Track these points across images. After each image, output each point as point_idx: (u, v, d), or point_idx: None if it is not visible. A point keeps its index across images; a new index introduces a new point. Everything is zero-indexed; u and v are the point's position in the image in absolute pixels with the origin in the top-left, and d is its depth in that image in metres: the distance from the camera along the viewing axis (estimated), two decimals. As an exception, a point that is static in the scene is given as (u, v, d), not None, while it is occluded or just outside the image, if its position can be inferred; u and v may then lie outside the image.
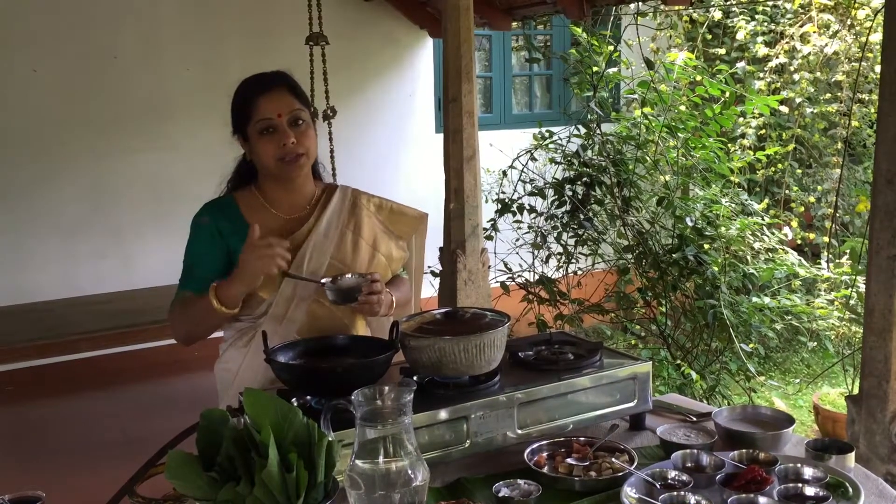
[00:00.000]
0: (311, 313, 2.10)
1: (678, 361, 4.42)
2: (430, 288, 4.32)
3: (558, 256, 4.90)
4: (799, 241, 5.49)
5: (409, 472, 1.34)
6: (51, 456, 4.05)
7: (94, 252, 5.07)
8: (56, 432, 4.37)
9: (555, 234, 4.84)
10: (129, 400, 4.79)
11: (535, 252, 4.84)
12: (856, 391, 2.26)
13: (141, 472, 1.63)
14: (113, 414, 4.57)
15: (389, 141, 5.93)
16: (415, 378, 1.74)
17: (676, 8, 5.36)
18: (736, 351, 4.27)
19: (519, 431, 1.74)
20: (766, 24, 5.63)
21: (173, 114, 5.21)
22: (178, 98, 5.20)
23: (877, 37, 4.81)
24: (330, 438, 1.36)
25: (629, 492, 1.51)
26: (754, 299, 4.39)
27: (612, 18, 5.40)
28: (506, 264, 4.78)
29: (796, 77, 5.43)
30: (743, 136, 5.36)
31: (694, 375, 4.14)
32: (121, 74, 5.04)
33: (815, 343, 4.75)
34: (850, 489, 1.51)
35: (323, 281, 2.03)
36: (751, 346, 4.35)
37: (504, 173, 4.89)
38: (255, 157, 2.11)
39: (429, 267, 4.31)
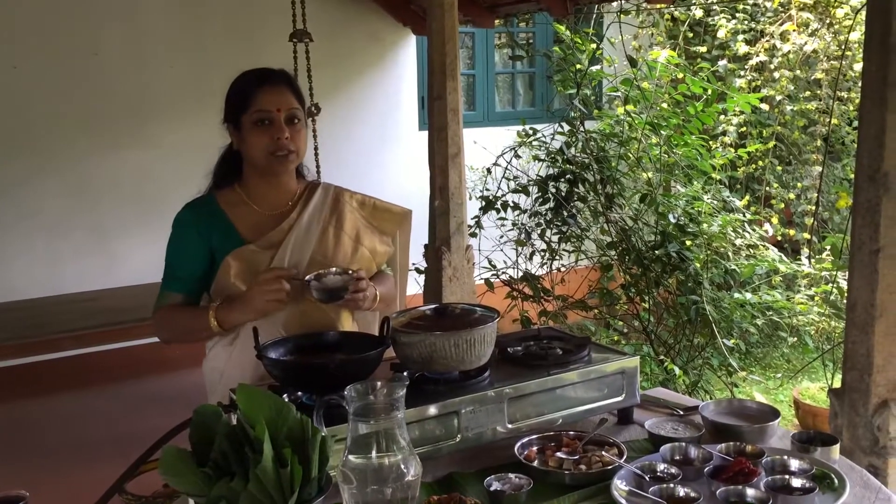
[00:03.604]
0: (296, 306, 2.10)
1: (661, 357, 4.45)
2: (415, 285, 4.32)
3: (542, 253, 4.92)
4: (779, 238, 5.55)
5: (402, 466, 1.34)
6: (35, 455, 4.01)
7: (77, 250, 5.03)
8: (40, 431, 4.34)
9: (538, 231, 4.85)
10: (113, 398, 4.76)
11: (519, 249, 4.86)
12: (835, 385, 2.29)
13: (131, 470, 1.63)
14: (97, 412, 4.53)
15: (373, 138, 5.93)
16: (405, 374, 1.75)
17: (658, 6, 5.39)
18: (718, 346, 4.30)
19: (509, 426, 1.75)
20: (746, 22, 5.68)
21: (157, 111, 5.18)
22: (162, 95, 5.17)
23: (855, 35, 4.87)
24: (323, 434, 1.36)
25: (619, 484, 1.53)
26: (736, 295, 4.43)
27: (594, 16, 5.42)
28: (490, 261, 4.80)
29: (776, 75, 5.49)
30: (724, 133, 5.40)
31: (677, 371, 4.17)
32: (103, 71, 5.00)
33: (795, 338, 4.80)
34: (836, 480, 1.54)
35: (307, 279, 2.02)
36: (732, 341, 4.39)
37: (488, 171, 4.90)
38: (245, 148, 2.11)
39: (413, 264, 4.32)
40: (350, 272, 2.04)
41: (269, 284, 1.97)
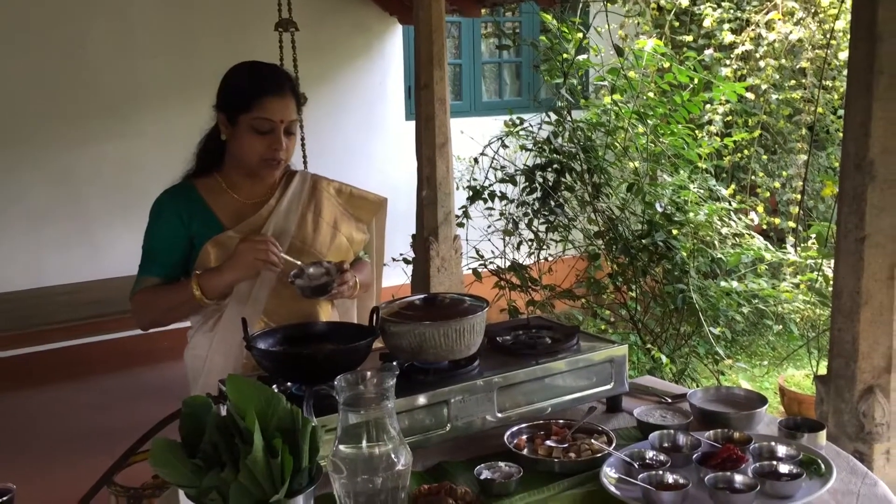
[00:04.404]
0: (276, 293, 2.11)
1: (648, 345, 4.47)
2: (403, 275, 4.32)
3: (529, 243, 4.92)
4: (764, 226, 5.58)
5: (392, 456, 1.34)
6: (22, 448, 4.00)
7: (62, 241, 4.99)
8: (25, 424, 4.32)
9: (526, 221, 4.86)
10: (98, 390, 4.74)
11: (507, 239, 4.86)
12: (821, 372, 2.31)
13: (120, 462, 1.62)
14: (84, 404, 4.52)
15: (360, 128, 5.91)
16: (395, 363, 1.75)
17: (644, -5, 5.39)
18: (704, 335, 4.32)
19: (499, 415, 1.75)
20: (732, 11, 5.69)
21: (142, 102, 5.14)
22: (147, 85, 5.14)
23: (840, 24, 4.89)
24: (313, 424, 1.36)
25: (608, 472, 1.54)
26: (722, 283, 4.45)
27: (581, 5, 5.41)
28: (478, 251, 4.80)
29: (762, 64, 5.50)
30: (710, 122, 5.41)
31: (664, 359, 4.19)
32: (90, 62, 4.96)
33: (781, 326, 4.83)
34: (823, 466, 1.55)
35: (291, 276, 2.00)
36: (718, 329, 4.41)
37: (475, 160, 4.89)
38: (236, 146, 2.11)
39: (401, 254, 4.32)
40: (330, 263, 2.04)
41: (260, 244, 1.98)
